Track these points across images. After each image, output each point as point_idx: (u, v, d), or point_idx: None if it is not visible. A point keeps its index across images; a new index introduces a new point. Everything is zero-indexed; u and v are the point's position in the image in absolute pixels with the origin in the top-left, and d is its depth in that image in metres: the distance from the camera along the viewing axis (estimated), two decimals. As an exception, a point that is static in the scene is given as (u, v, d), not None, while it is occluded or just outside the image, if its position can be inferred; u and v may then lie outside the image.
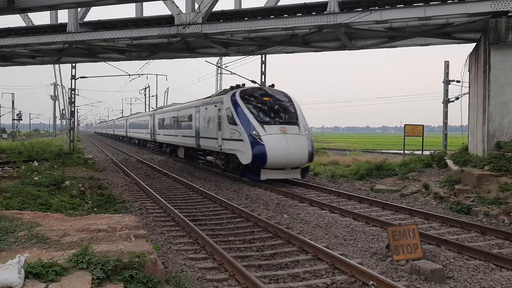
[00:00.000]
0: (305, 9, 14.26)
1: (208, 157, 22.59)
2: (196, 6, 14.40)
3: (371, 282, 6.31)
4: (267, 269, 7.38)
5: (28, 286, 4.24)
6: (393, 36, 16.07)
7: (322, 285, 6.55)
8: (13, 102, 71.10)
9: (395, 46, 17.79)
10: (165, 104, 51.38)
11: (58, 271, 4.52)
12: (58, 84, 62.34)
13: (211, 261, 7.73)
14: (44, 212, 8.25)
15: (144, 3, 15.52)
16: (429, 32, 15.33)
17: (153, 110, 43.86)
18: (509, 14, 13.60)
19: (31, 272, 4.42)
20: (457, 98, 25.39)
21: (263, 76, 24.83)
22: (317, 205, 12.43)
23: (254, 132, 16.39)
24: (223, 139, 18.64)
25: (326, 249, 7.98)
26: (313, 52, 19.57)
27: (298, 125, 17.27)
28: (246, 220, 11.00)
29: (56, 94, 65.61)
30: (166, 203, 12.58)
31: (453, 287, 6.48)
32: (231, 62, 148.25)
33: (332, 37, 17.00)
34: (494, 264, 7.28)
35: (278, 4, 15.15)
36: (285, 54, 20.41)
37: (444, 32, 15.95)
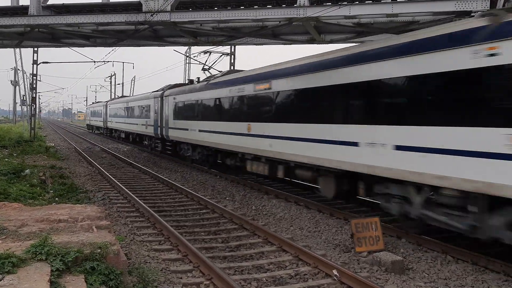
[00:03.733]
0: (275, 1, 14.21)
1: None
2: (165, -7, 14.07)
3: (334, 270, 6.44)
4: (232, 260, 7.40)
5: (-17, 278, 4.08)
6: (361, 31, 16.26)
7: (286, 276, 6.63)
8: (-31, 86, 68.01)
9: (363, 42, 17.97)
10: (131, 94, 50.97)
11: (15, 262, 4.38)
12: (18, 69, 59.96)
13: (176, 253, 7.68)
14: (1, 201, 7.96)
15: (111, -12, 15.03)
16: (395, 29, 15.59)
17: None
18: (472, 14, 13.97)
19: (-14, 264, 4.26)
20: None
21: (232, 67, 24.73)
22: (283, 197, 12.52)
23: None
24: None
25: (290, 241, 8.08)
26: (283, 45, 19.59)
27: None
28: (212, 212, 10.97)
29: (17, 79, 63.07)
30: (131, 194, 12.38)
31: (412, 278, 6.69)
32: (201, 51, 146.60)
33: (301, 31, 16.99)
34: (451, 256, 7.55)
35: (248, -5, 14.98)
36: (255, 45, 20.36)
37: (410, 30, 16.19)
